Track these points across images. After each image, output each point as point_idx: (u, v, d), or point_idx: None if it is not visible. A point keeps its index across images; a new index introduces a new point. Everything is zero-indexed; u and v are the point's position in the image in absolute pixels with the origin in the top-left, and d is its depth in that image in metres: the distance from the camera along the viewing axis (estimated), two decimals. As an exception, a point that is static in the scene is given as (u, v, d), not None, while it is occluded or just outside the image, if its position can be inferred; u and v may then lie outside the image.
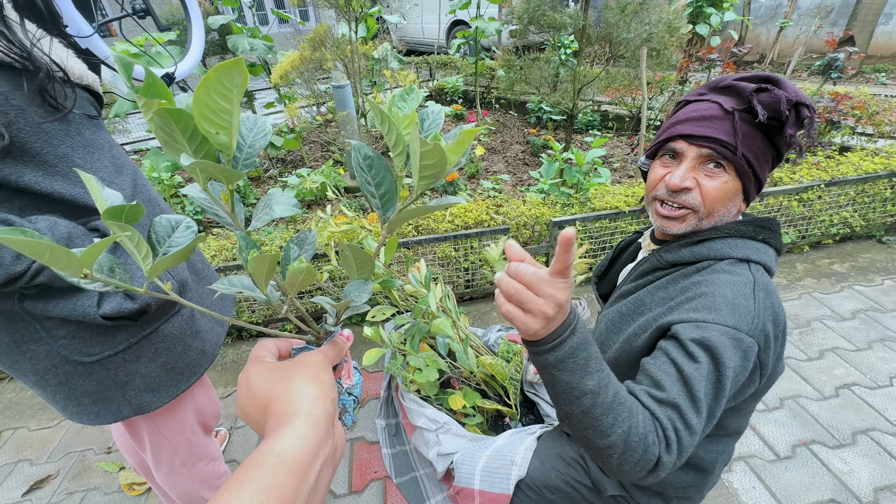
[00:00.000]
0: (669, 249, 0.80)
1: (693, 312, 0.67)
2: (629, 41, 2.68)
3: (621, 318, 0.82)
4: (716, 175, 0.73)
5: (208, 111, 0.28)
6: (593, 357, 0.59)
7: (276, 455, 0.29)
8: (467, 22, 6.02)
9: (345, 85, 2.91)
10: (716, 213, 0.75)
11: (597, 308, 2.07)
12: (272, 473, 0.28)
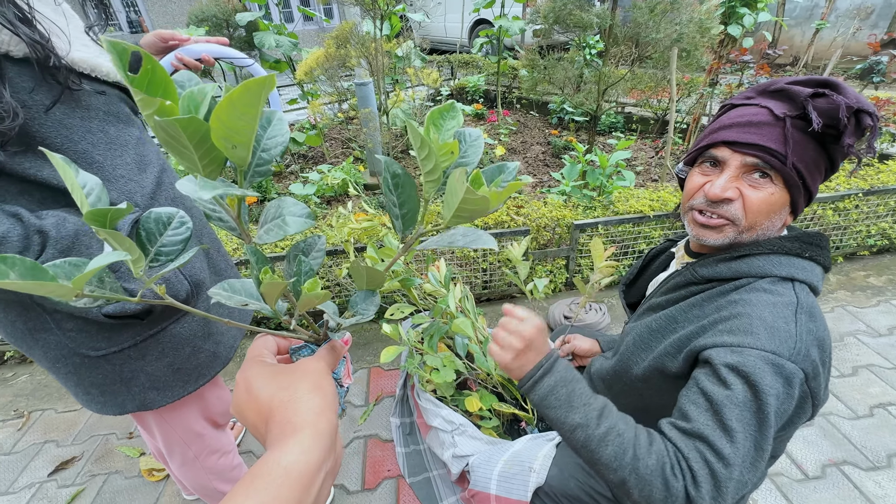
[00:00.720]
0: (705, 264, 0.74)
1: (727, 335, 0.63)
2: (658, 41, 2.61)
3: (651, 334, 0.78)
4: (761, 186, 0.67)
5: (228, 129, 0.25)
6: (577, 393, 0.67)
7: (281, 467, 0.29)
8: (490, 21, 5.98)
9: (367, 82, 2.92)
10: (758, 227, 0.69)
11: (618, 314, 2.03)
12: (277, 486, 0.28)
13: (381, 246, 1.58)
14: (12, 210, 0.58)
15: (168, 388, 0.81)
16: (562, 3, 2.82)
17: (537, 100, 4.59)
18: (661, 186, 2.22)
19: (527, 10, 5.82)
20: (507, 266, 2.01)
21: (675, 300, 0.78)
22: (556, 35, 3.28)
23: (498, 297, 2.17)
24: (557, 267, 2.11)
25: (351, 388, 1.74)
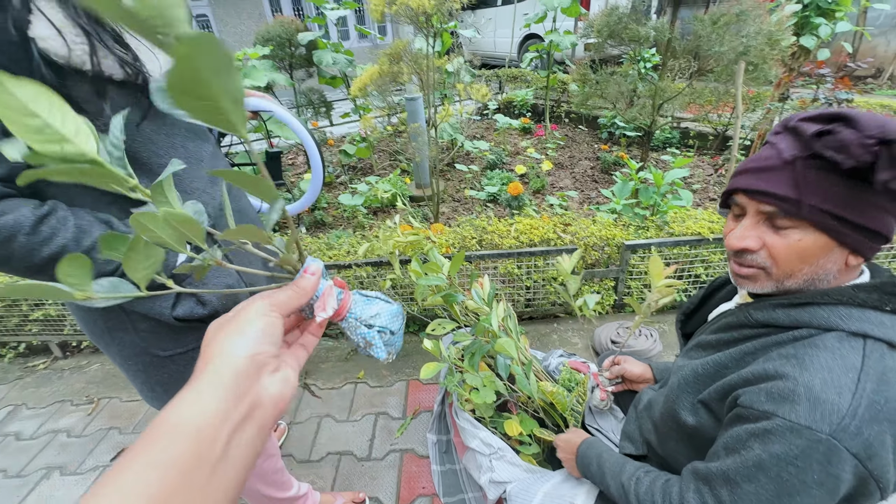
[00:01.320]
0: (762, 307, 0.67)
1: (764, 397, 0.58)
2: (721, 55, 2.48)
3: (696, 379, 0.72)
4: (785, 232, 0.61)
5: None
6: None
7: (170, 424, 0.27)
8: (541, 35, 5.97)
9: (417, 97, 2.98)
10: (800, 274, 0.62)
11: (671, 341, 1.91)
12: (167, 445, 0.26)
13: (426, 260, 1.59)
14: (104, 218, 0.64)
15: None
16: (617, 17, 2.75)
17: (587, 114, 4.50)
18: (722, 207, 2.08)
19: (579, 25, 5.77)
20: (552, 285, 1.96)
21: (726, 342, 0.71)
22: (608, 49, 3.21)
23: (541, 316, 2.11)
24: (605, 288, 2.03)
25: (389, 400, 1.75)
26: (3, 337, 2.18)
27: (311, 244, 2.01)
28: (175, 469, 0.25)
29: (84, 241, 0.60)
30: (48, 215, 0.57)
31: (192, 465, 0.25)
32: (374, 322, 0.48)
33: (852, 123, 0.54)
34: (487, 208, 2.94)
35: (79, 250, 0.59)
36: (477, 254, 1.85)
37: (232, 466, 0.28)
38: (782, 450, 0.54)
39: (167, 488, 0.24)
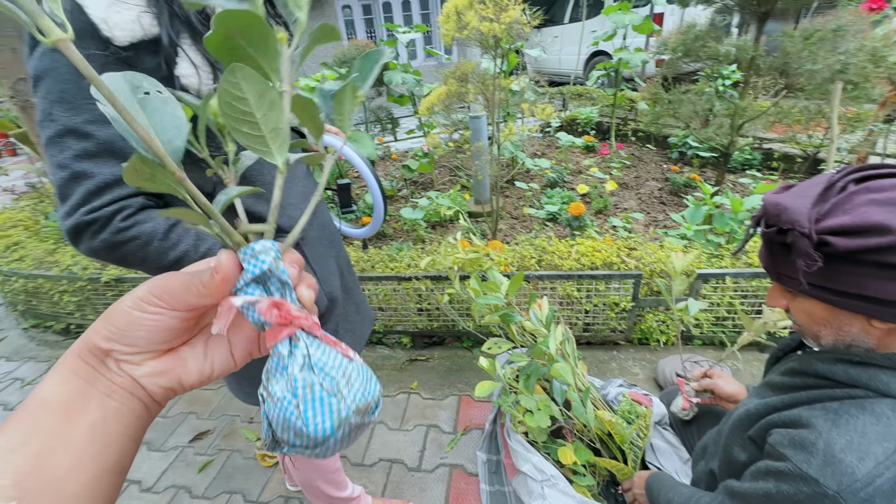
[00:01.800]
0: (824, 358, 0.67)
1: (787, 441, 0.62)
2: (814, 73, 2.29)
3: (749, 418, 0.74)
4: (793, 295, 0.67)
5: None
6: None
7: (39, 399, 0.27)
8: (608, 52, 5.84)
9: (481, 116, 3.04)
10: (824, 336, 0.65)
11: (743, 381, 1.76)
12: (34, 417, 0.26)
13: (485, 278, 1.61)
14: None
15: None
16: (694, 34, 2.64)
17: (656, 133, 4.31)
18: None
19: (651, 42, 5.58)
20: (613, 311, 1.89)
21: (788, 387, 0.72)
22: (683, 66, 3.08)
23: (599, 342, 2.04)
24: (671, 318, 1.92)
25: (440, 413, 1.77)
26: (110, 322, 2.50)
27: (374, 255, 2.11)
28: (45, 435, 0.26)
29: (201, 246, 0.69)
30: (176, 224, 0.68)
31: (60, 433, 0.26)
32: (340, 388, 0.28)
33: (771, 205, 0.62)
34: (546, 227, 2.91)
35: (197, 255, 0.68)
36: (536, 274, 1.84)
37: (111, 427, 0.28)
38: (790, 490, 0.59)
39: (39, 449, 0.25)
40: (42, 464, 0.25)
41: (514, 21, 2.07)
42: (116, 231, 0.62)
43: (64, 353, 0.29)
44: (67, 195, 0.62)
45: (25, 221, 3.14)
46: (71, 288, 2.38)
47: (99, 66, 0.60)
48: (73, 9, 0.58)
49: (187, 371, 0.32)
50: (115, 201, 0.63)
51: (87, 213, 0.61)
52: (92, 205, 0.61)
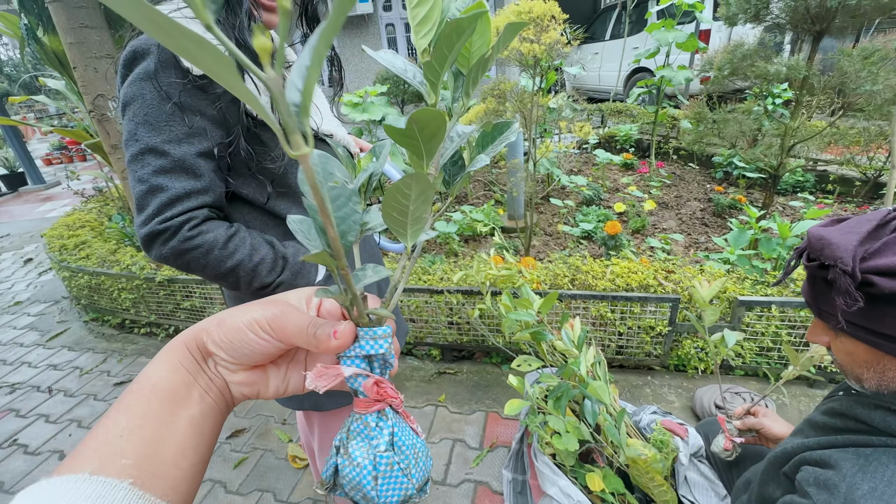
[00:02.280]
0: (864, 402, 0.64)
1: (812, 479, 0.61)
2: (874, 93, 2.17)
3: (784, 455, 0.72)
4: (835, 335, 0.64)
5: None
6: None
7: (151, 384, 0.30)
8: (650, 69, 5.75)
9: (518, 133, 3.06)
10: (866, 377, 0.62)
11: (789, 416, 1.66)
12: (147, 401, 0.29)
13: (516, 294, 1.61)
14: (269, 239, 0.79)
15: (337, 396, 0.96)
16: (741, 54, 2.57)
17: (699, 152, 4.19)
18: (869, 268, 1.78)
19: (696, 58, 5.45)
20: (648, 334, 1.84)
21: (830, 427, 0.69)
22: (729, 84, 2.99)
23: (633, 365, 1.98)
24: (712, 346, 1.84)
25: (467, 429, 1.77)
26: (160, 319, 2.67)
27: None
28: (157, 420, 0.29)
29: (255, 257, 0.75)
30: (234, 235, 0.74)
31: (170, 419, 0.29)
32: (411, 469, 0.32)
33: (816, 240, 0.60)
34: (581, 245, 2.87)
35: (251, 264, 0.74)
36: (569, 293, 1.82)
37: (207, 420, 0.31)
38: None
39: (152, 435, 0.28)
40: (155, 449, 0.28)
41: (555, 42, 2.10)
42: (184, 239, 0.69)
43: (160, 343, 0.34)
44: (144, 206, 0.69)
45: (92, 222, 3.43)
46: (129, 286, 2.57)
47: (178, 91, 0.68)
48: (158, 42, 0.66)
49: (266, 386, 0.35)
50: (184, 212, 0.70)
51: (161, 223, 0.68)
52: (165, 215, 0.68)
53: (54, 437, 2.00)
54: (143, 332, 2.79)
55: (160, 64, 0.67)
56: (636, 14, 6.47)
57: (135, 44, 0.68)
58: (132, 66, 0.68)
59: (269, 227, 0.83)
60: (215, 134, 0.72)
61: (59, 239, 3.08)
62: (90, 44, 2.12)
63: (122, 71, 0.69)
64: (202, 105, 0.70)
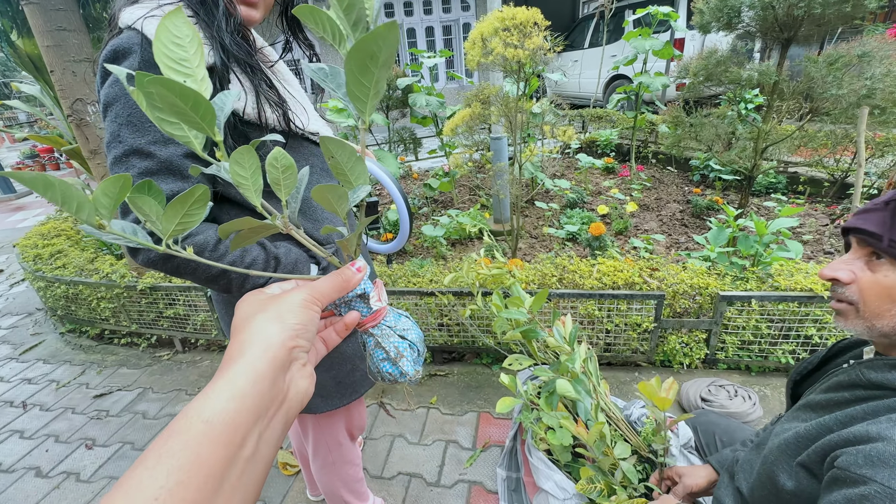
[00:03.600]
0: (876, 366, 0.64)
1: (862, 460, 0.55)
2: (839, 98, 2.29)
3: (798, 442, 0.68)
4: (876, 267, 0.64)
5: (170, 61, 0.32)
6: None
7: (202, 421, 0.24)
8: (629, 77, 5.91)
9: (503, 137, 3.11)
10: (889, 315, 0.62)
11: (772, 406, 1.72)
12: (196, 444, 0.23)
13: (507, 294, 1.63)
14: (259, 240, 0.78)
15: (331, 397, 0.96)
16: (715, 60, 2.68)
17: (677, 155, 4.32)
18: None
19: (671, 66, 5.63)
20: (635, 331, 1.88)
21: (836, 403, 0.67)
22: (704, 90, 3.10)
23: (620, 362, 2.02)
24: (695, 340, 1.89)
25: (459, 430, 1.77)
26: (142, 328, 2.60)
27: (397, 270, 2.15)
28: (207, 471, 0.23)
29: (246, 258, 0.75)
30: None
31: (222, 468, 0.23)
32: (406, 335, 0.47)
33: None
34: (566, 247, 2.92)
35: (242, 265, 0.74)
36: (557, 292, 1.85)
37: (259, 464, 0.26)
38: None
39: (196, 496, 0.22)
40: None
41: (538, 47, 2.15)
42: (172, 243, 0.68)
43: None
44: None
45: (68, 231, 3.33)
46: (108, 294, 2.50)
47: None
48: (143, 42, 0.65)
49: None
50: None
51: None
52: None
53: (29, 454, 1.92)
54: (124, 342, 2.71)
55: (144, 63, 0.65)
56: (613, 23, 6.66)
57: (116, 43, 0.66)
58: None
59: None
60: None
61: (32, 248, 2.98)
62: (68, 47, 2.07)
63: (103, 71, 0.67)
64: None
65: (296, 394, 0.30)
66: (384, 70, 0.31)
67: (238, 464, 0.24)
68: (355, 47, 0.30)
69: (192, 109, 0.30)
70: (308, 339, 0.32)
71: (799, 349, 1.80)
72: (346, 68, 0.31)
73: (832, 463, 0.60)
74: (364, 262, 0.42)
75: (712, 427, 1.20)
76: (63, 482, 1.75)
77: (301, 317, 0.32)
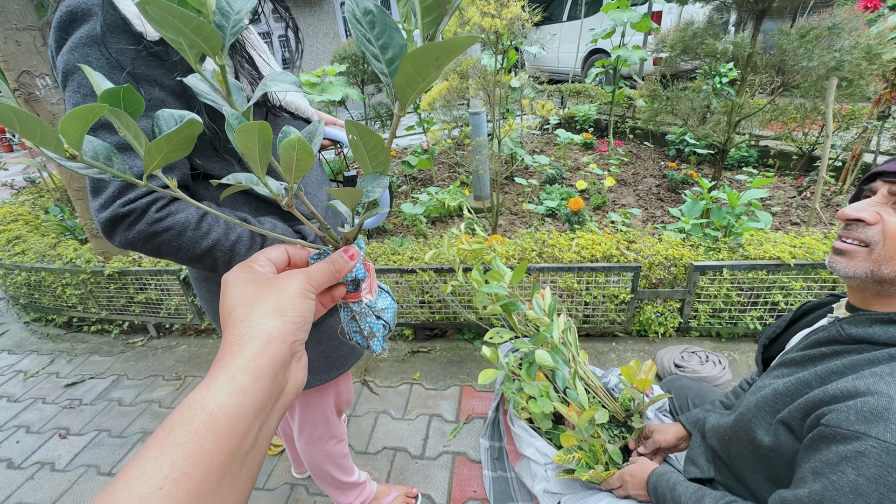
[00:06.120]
0: (857, 321, 0.65)
1: (854, 416, 0.55)
2: (809, 70, 2.33)
3: (776, 398, 0.69)
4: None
5: None
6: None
7: (206, 414, 0.24)
8: (607, 51, 5.88)
9: (481, 112, 3.06)
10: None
11: (740, 371, 1.80)
12: (201, 437, 0.23)
13: (487, 269, 1.63)
14: (242, 216, 0.75)
15: (319, 372, 0.95)
16: (692, 32, 2.67)
17: (654, 130, 4.36)
18: (807, 231, 1.94)
19: (649, 40, 5.61)
20: (612, 302, 1.92)
21: (812, 358, 0.69)
22: (681, 64, 3.11)
23: (599, 333, 2.08)
24: (669, 310, 1.95)
25: (442, 404, 1.80)
26: (112, 315, 2.51)
27: (377, 248, 2.13)
28: (210, 463, 0.23)
29: (231, 235, 0.71)
30: (206, 213, 0.69)
31: (225, 460, 0.24)
32: (382, 315, 0.47)
33: None
34: (546, 223, 2.94)
35: (227, 243, 0.70)
36: (537, 266, 1.87)
37: (256, 455, 0.27)
38: (880, 473, 0.51)
39: (199, 487, 0.23)
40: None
41: (516, 17, 2.10)
42: (152, 222, 0.64)
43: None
44: (101, 189, 0.63)
45: (26, 216, 3.14)
46: (74, 280, 2.39)
47: (130, 59, 0.61)
48: (104, 3, 0.59)
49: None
50: (149, 192, 0.64)
51: (124, 206, 0.62)
52: (127, 197, 0.62)
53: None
54: (94, 329, 2.61)
55: (107, 27, 0.59)
56: (592, -5, 6.57)
57: (71, 3, 0.59)
58: (70, 28, 0.60)
59: (239, 203, 0.78)
60: (175, 106, 0.66)
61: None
62: (9, 14, 1.90)
63: (58, 34, 0.61)
64: (158, 75, 0.63)
65: (293, 386, 0.31)
66: (440, 71, 0.30)
67: (239, 456, 0.25)
68: (427, 48, 0.28)
69: (194, 32, 0.28)
70: (306, 330, 0.32)
71: (766, 315, 1.88)
72: (407, 59, 0.29)
73: (818, 420, 0.59)
74: (357, 248, 0.41)
75: (685, 391, 1.24)
76: (37, 472, 1.70)
77: (299, 308, 0.31)
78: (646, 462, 0.98)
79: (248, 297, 0.31)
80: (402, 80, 0.31)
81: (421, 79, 0.30)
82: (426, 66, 0.29)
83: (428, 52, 0.28)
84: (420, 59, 0.29)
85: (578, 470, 1.22)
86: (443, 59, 0.29)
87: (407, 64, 0.29)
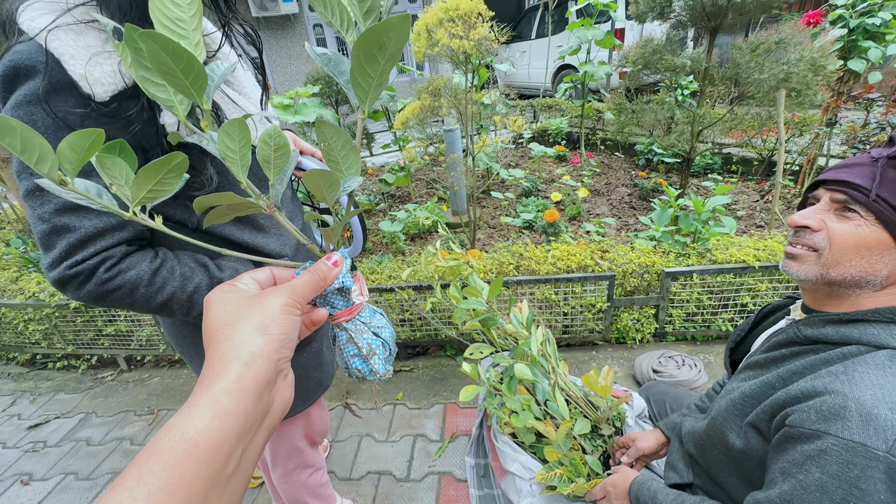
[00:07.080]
0: (811, 322, 0.69)
1: (814, 415, 0.57)
2: (761, 82, 2.46)
3: (744, 402, 0.72)
4: (847, 218, 0.66)
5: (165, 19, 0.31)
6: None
7: (185, 440, 0.23)
8: (575, 66, 6.08)
9: (455, 129, 3.12)
10: (849, 265, 0.64)
11: (715, 373, 1.84)
12: (180, 465, 0.22)
13: (465, 285, 1.64)
14: (203, 261, 0.73)
15: (293, 403, 0.93)
16: (651, 48, 2.80)
17: (623, 141, 4.51)
18: (769, 234, 2.02)
19: (614, 56, 5.84)
20: (590, 312, 1.95)
21: (774, 361, 0.72)
22: (644, 77, 3.25)
23: (578, 343, 2.10)
24: (645, 316, 2.00)
25: (427, 423, 1.78)
26: (80, 349, 2.40)
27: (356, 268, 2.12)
28: (188, 492, 0.22)
29: (188, 286, 0.69)
30: (160, 267, 0.67)
31: (205, 488, 0.23)
32: (380, 333, 0.46)
33: None
34: (523, 235, 2.98)
35: (184, 295, 0.69)
36: (514, 279, 1.88)
37: (239, 479, 0.26)
38: (841, 470, 0.53)
39: None
40: None
41: (483, 38, 2.16)
42: (101, 282, 0.62)
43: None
44: (50, 247, 0.61)
45: (-15, 249, 3.00)
46: (37, 316, 2.28)
47: (78, 120, 0.58)
48: (50, 62, 0.55)
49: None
50: (97, 253, 0.62)
51: (70, 267, 0.60)
52: (75, 258, 0.60)
53: (-46, 497, 1.73)
54: (60, 365, 2.49)
55: (51, 87, 0.55)
56: (558, 14, 6.82)
57: (14, 58, 0.56)
58: (13, 85, 0.57)
59: (200, 247, 0.77)
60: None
61: (-59, 271, 2.66)
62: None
63: (1, 90, 0.58)
64: (112, 131, 0.59)
65: (279, 405, 0.30)
66: (390, 62, 0.32)
67: (220, 482, 0.24)
68: (365, 35, 0.30)
69: (183, 72, 0.28)
70: (292, 347, 0.31)
71: (737, 317, 1.94)
72: (353, 56, 0.31)
73: (783, 421, 0.62)
74: (341, 255, 0.40)
75: (662, 396, 1.27)
76: (-4, 524, 1.59)
77: (284, 325, 0.30)
78: (627, 471, 0.98)
79: (231, 316, 0.30)
80: (355, 74, 0.32)
81: (371, 71, 0.32)
82: (372, 56, 0.31)
83: (370, 37, 0.30)
84: (364, 48, 0.31)
85: (560, 486, 1.22)
86: (387, 45, 0.30)
87: (355, 54, 0.31)
